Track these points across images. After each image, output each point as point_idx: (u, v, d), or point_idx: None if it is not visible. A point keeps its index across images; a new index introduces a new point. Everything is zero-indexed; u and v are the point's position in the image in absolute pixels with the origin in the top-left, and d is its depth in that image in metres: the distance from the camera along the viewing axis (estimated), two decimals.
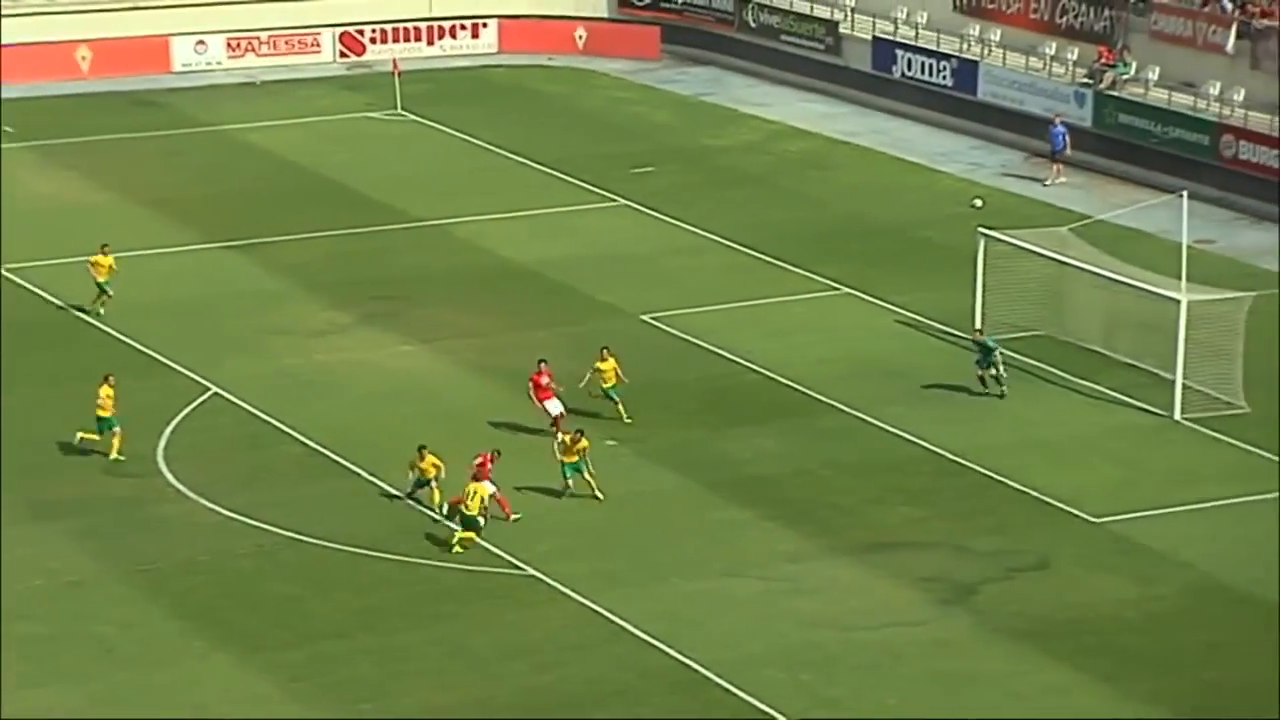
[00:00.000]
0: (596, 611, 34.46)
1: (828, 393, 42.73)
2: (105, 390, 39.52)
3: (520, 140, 59.87)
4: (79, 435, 39.66)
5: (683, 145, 59.95)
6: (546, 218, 54.17)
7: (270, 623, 34.25)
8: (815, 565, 35.94)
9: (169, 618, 34.38)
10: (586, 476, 37.56)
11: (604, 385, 40.62)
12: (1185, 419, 41.32)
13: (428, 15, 69.14)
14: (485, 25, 69.48)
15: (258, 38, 68.00)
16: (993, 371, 41.68)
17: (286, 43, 68.19)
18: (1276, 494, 38.37)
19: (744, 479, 38.92)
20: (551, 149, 59.11)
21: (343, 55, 68.50)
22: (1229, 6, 56.27)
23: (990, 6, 60.99)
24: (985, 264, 45.24)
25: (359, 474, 39.33)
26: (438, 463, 37.37)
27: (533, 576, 35.66)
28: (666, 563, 36.12)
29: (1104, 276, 43.52)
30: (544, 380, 40.11)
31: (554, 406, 40.01)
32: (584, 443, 37.43)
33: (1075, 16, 59.04)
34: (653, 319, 47.00)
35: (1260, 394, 41.93)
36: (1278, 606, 34.33)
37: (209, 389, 42.83)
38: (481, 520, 36.26)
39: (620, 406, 40.71)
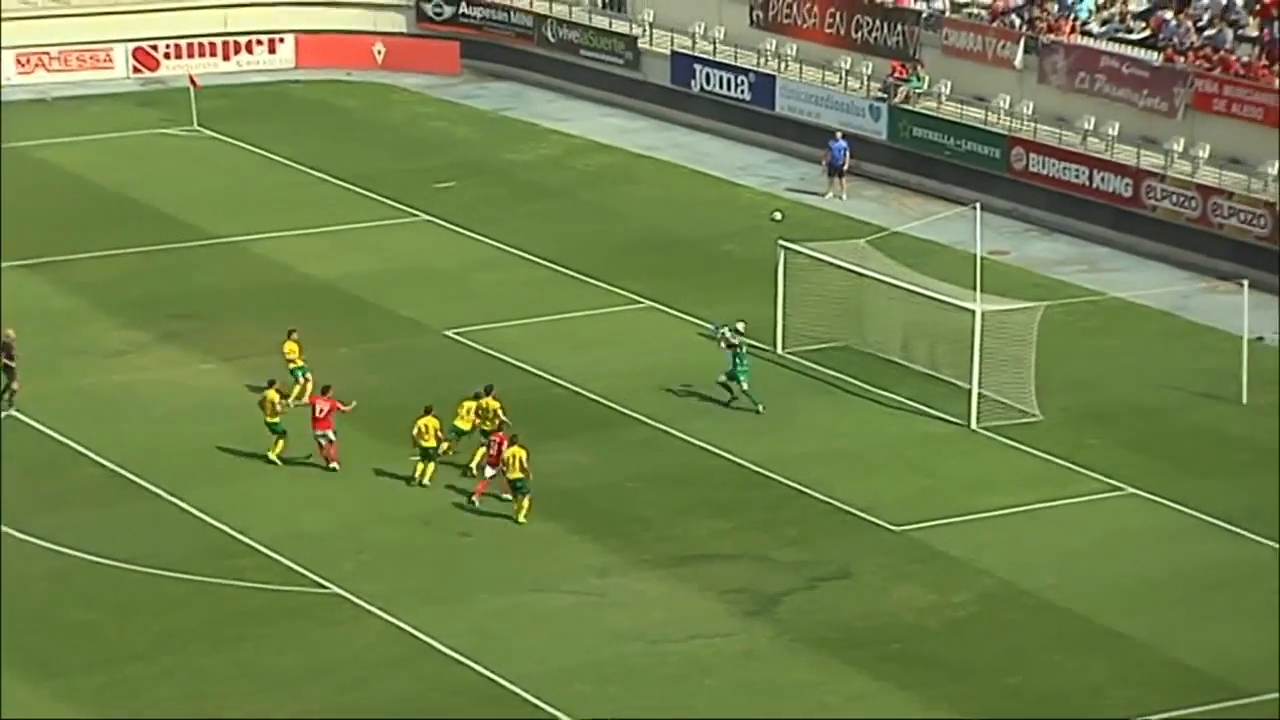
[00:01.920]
0: (403, 629, 34.29)
1: (632, 406, 42.90)
2: (271, 395, 39.62)
3: (320, 156, 59.41)
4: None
5: (484, 160, 59.86)
6: (347, 233, 53.80)
7: (67, 648, 33.66)
8: (622, 579, 36.05)
9: None
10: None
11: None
12: (982, 428, 42.01)
13: (223, 30, 68.39)
14: (282, 40, 68.83)
15: (48, 53, 66.79)
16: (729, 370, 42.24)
17: (78, 58, 67.04)
18: (1072, 500, 39.20)
19: (551, 493, 38.91)
20: (352, 164, 58.72)
21: (136, 71, 67.53)
22: (1017, 22, 57.38)
23: (786, 21, 61.59)
24: (786, 276, 45.70)
25: (160, 495, 38.80)
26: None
27: (337, 595, 35.39)
28: (473, 578, 36.04)
29: (901, 288, 44.17)
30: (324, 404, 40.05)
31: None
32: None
33: (870, 31, 59.83)
34: (457, 334, 46.88)
35: (1052, 402, 42.78)
36: (1074, 612, 35.06)
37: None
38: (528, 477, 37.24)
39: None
